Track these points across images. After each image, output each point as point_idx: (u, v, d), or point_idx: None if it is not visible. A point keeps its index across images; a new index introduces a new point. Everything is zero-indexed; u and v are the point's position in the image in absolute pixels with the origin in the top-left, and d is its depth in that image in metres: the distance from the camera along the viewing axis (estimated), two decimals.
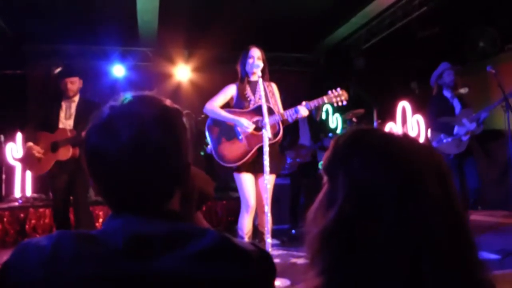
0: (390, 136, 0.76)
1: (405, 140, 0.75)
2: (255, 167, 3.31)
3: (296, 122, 5.23)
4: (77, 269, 0.72)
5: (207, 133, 3.52)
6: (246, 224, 3.31)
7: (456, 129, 4.23)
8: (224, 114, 3.40)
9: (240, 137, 3.35)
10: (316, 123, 5.60)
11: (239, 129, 3.35)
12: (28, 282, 0.73)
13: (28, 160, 4.02)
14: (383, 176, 0.69)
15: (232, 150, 3.36)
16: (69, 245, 0.74)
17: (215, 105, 3.43)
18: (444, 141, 4.23)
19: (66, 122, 4.01)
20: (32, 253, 0.74)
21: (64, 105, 4.04)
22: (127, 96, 0.88)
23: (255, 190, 3.35)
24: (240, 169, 3.34)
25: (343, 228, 0.69)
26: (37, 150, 3.89)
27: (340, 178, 0.72)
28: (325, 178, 0.77)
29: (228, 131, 3.41)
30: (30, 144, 3.93)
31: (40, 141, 3.95)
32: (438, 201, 0.68)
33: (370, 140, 0.74)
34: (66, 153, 3.90)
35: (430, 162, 0.72)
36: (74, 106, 4.05)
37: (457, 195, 0.72)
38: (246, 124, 3.29)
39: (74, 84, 4.02)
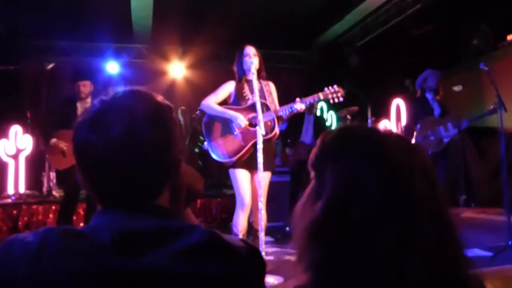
0: (376, 132, 0.76)
1: (391, 137, 0.76)
2: (251, 164, 3.29)
3: (300, 120, 5.24)
4: (63, 265, 0.71)
5: (203, 130, 3.50)
6: (240, 221, 3.30)
7: (441, 131, 4.59)
8: (220, 109, 3.40)
9: (235, 133, 3.34)
10: (320, 121, 5.61)
11: (234, 125, 3.35)
12: (12, 279, 0.71)
13: (53, 155, 4.35)
14: (369, 172, 0.69)
15: (227, 146, 3.35)
16: (55, 241, 0.73)
17: (212, 101, 3.42)
18: (431, 138, 4.56)
19: None
20: (17, 249, 0.73)
21: (79, 106, 4.34)
22: (119, 90, 0.87)
23: (251, 187, 3.34)
24: (235, 165, 3.33)
25: (330, 223, 0.69)
26: (64, 144, 4.20)
27: (327, 174, 0.72)
28: (312, 174, 0.77)
29: (223, 127, 3.41)
30: (55, 140, 4.23)
31: (61, 139, 4.21)
32: (423, 196, 0.68)
33: (356, 137, 0.75)
34: None
35: (415, 158, 0.73)
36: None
37: (442, 191, 0.72)
38: (240, 118, 3.29)
39: (85, 87, 4.37)
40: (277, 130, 3.34)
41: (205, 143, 3.49)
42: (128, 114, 0.81)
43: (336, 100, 3.36)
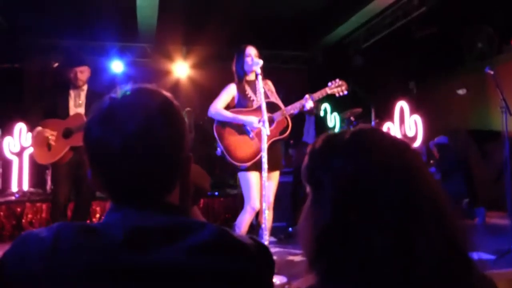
0: (362, 131, 0.79)
1: (377, 133, 0.78)
2: (259, 165, 3.28)
3: (301, 121, 5.24)
4: (77, 261, 0.72)
5: (215, 135, 3.39)
6: (245, 223, 3.26)
7: None
8: (231, 115, 3.33)
9: (251, 135, 3.30)
10: (322, 122, 5.63)
11: (249, 128, 3.31)
12: (26, 274, 0.72)
13: (37, 147, 3.84)
14: (365, 168, 0.71)
15: (244, 149, 3.29)
16: (69, 237, 0.74)
17: (219, 107, 3.37)
18: None
19: (76, 110, 3.89)
20: (32, 245, 0.74)
21: (72, 93, 3.92)
22: (127, 88, 0.87)
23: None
24: (249, 168, 3.27)
25: (338, 228, 0.70)
26: (50, 133, 3.74)
27: (325, 182, 0.73)
28: (308, 189, 0.78)
29: (237, 131, 3.35)
30: (40, 128, 3.76)
31: (48, 128, 3.79)
32: (420, 190, 0.70)
33: (342, 139, 0.77)
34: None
35: (405, 153, 0.74)
36: (83, 94, 3.93)
37: (439, 186, 0.74)
38: (256, 121, 3.23)
39: (83, 73, 3.90)
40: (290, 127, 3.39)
41: (218, 149, 3.42)
42: (142, 110, 0.82)
43: (341, 94, 3.43)
